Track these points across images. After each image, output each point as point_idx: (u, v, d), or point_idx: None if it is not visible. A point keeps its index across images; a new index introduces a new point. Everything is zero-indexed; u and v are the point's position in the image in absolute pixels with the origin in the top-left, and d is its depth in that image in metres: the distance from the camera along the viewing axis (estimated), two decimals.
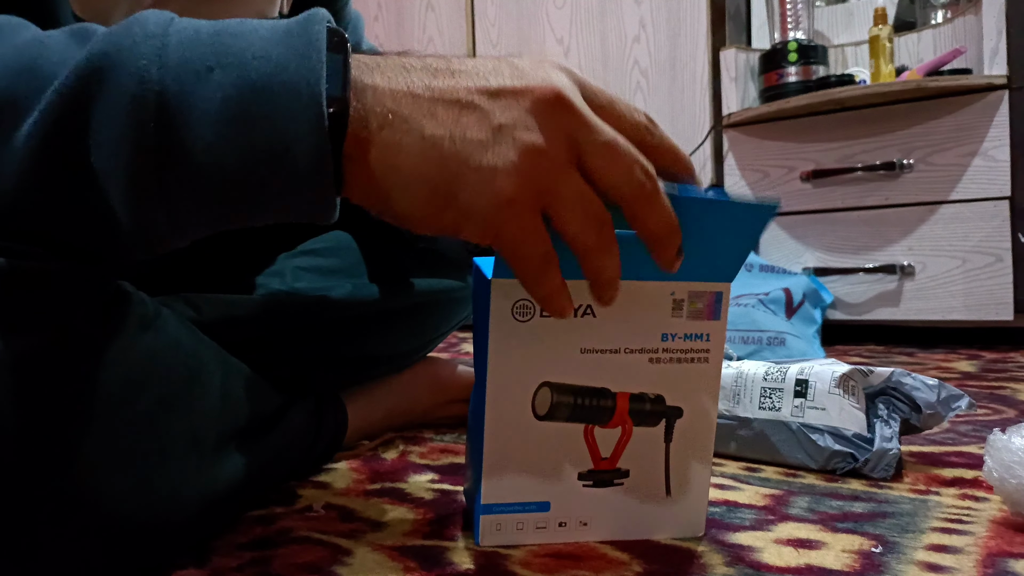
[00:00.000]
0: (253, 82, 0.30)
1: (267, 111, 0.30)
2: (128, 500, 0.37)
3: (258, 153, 0.30)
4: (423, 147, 0.31)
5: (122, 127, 0.30)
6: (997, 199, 1.27)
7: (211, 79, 0.30)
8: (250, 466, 0.47)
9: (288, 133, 0.30)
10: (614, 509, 0.42)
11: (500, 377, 0.39)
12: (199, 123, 0.30)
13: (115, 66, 0.30)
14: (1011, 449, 0.43)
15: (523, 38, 1.74)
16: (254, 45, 0.31)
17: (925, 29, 1.43)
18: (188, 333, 0.44)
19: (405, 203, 0.32)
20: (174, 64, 0.30)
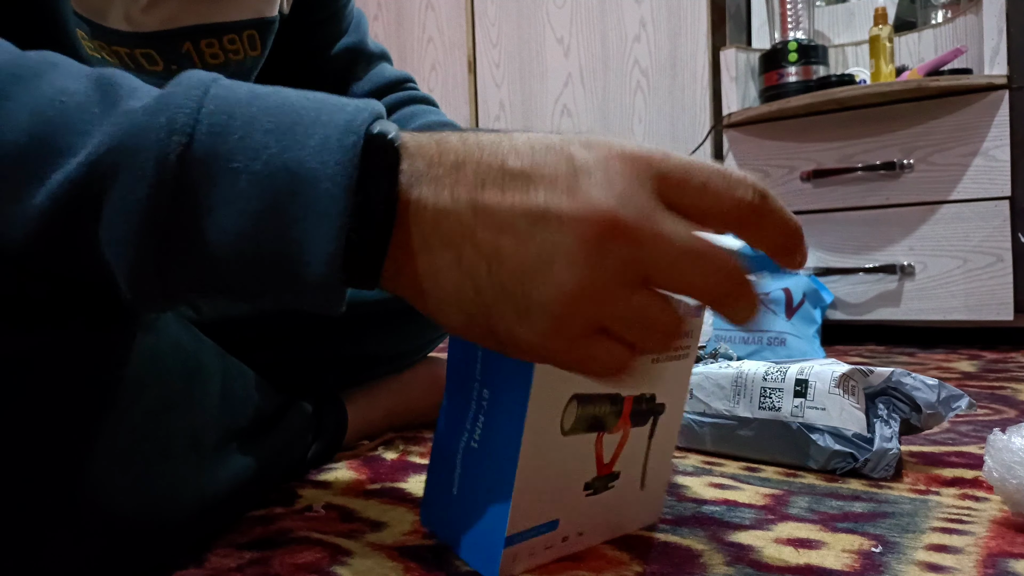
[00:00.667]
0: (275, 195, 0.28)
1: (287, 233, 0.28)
2: (128, 499, 0.37)
3: (269, 271, 0.29)
4: (460, 277, 0.29)
5: (136, 213, 0.28)
6: (997, 199, 1.27)
7: (237, 180, 0.28)
8: (250, 466, 0.47)
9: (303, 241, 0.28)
10: (603, 511, 0.42)
11: (540, 397, 0.36)
12: (213, 220, 0.28)
13: (137, 149, 0.28)
14: (1011, 449, 0.43)
15: (523, 37, 1.74)
16: (286, 152, 0.28)
17: (925, 29, 1.43)
18: (188, 333, 0.44)
19: (446, 321, 0.31)
20: (199, 157, 0.28)
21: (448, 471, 0.40)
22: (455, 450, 0.40)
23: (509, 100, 1.77)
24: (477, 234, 0.28)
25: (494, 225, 0.28)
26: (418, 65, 1.87)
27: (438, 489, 0.41)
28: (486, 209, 0.28)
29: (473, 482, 0.39)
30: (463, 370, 0.39)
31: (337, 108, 0.30)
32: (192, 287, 0.30)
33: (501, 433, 0.37)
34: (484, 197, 0.29)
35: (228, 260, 0.29)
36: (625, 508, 0.43)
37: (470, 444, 0.39)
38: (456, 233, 0.29)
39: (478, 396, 0.38)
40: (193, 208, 0.28)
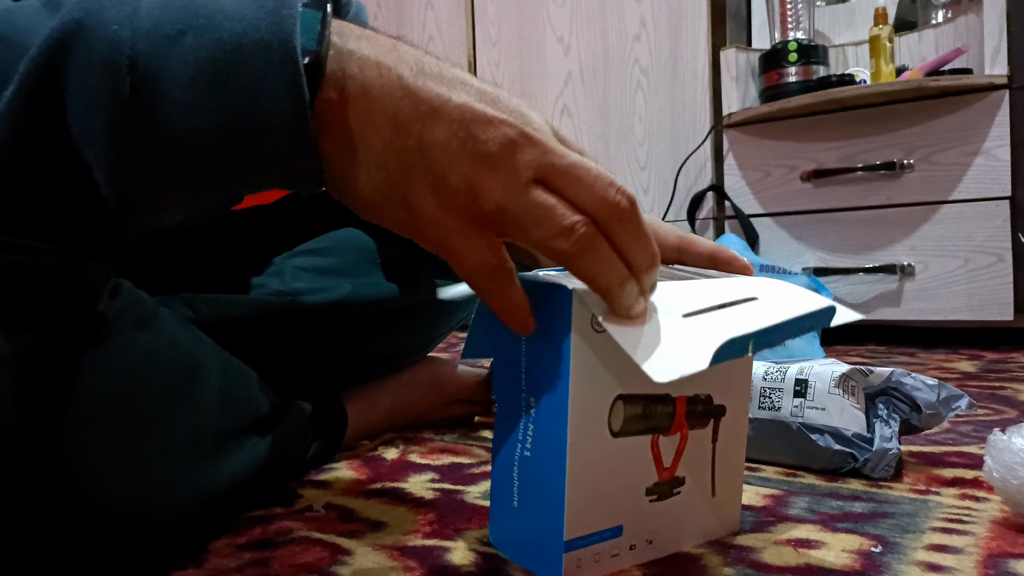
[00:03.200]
0: (225, 42, 0.30)
1: (239, 70, 0.30)
2: (127, 498, 0.37)
3: (232, 112, 0.30)
4: (392, 133, 0.31)
5: (97, 94, 0.30)
6: (998, 199, 1.26)
7: (183, 42, 0.30)
8: (249, 466, 0.47)
9: (262, 90, 0.30)
10: (673, 519, 0.41)
11: (580, 397, 0.36)
12: (172, 86, 0.30)
13: (87, 33, 0.30)
14: (1012, 449, 0.43)
15: (523, 37, 1.74)
16: (226, 6, 0.30)
17: (926, 28, 1.43)
18: (186, 332, 0.44)
19: (360, 183, 0.32)
20: (145, 29, 0.30)
21: (508, 485, 0.40)
22: (511, 462, 0.39)
23: None
24: (417, 102, 0.31)
25: (434, 99, 0.31)
26: None
27: (502, 506, 0.41)
28: (428, 88, 0.31)
29: (531, 492, 0.39)
30: (510, 382, 0.39)
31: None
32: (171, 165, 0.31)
33: (549, 438, 0.37)
34: (426, 78, 0.31)
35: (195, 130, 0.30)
36: (697, 517, 0.42)
37: (523, 454, 0.38)
38: (395, 92, 0.31)
39: (526, 405, 0.38)
40: (151, 80, 0.29)
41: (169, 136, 0.30)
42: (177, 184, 0.32)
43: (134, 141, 0.30)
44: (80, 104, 0.30)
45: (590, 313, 0.35)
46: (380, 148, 0.31)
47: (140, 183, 0.31)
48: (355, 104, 0.31)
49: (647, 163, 1.60)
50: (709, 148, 1.53)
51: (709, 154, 1.53)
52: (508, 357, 0.39)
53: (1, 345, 0.31)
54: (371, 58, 0.31)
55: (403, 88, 0.31)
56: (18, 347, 0.32)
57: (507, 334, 0.37)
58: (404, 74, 0.31)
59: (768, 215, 1.45)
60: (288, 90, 0.30)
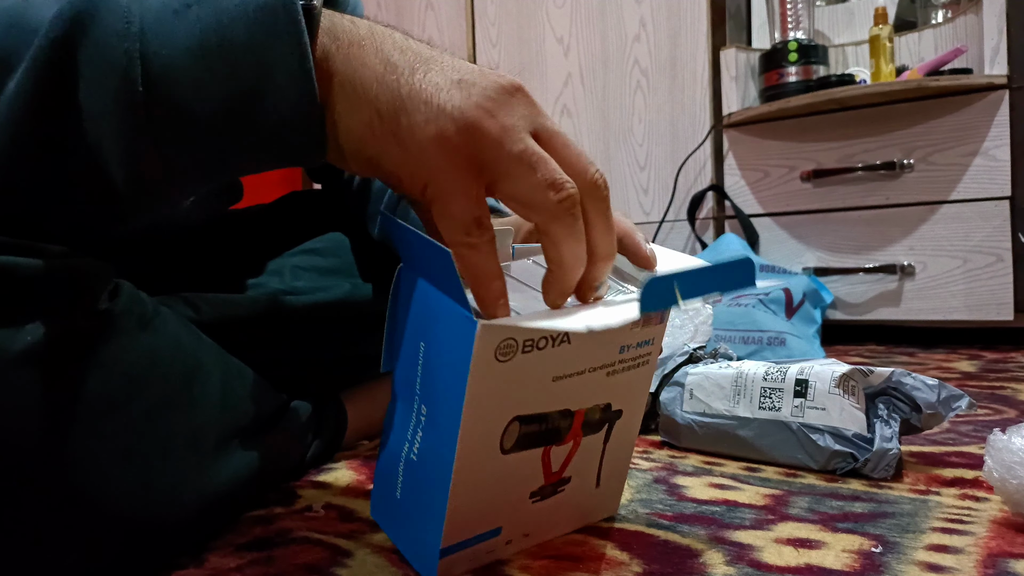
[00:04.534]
0: (230, 11, 0.31)
1: (245, 37, 0.31)
2: (127, 499, 0.37)
3: (240, 79, 0.31)
4: (384, 70, 0.31)
5: (107, 67, 0.30)
6: (998, 199, 1.26)
7: (188, 14, 0.31)
8: (250, 466, 0.47)
9: (268, 54, 0.31)
10: (552, 512, 0.42)
11: (473, 423, 0.35)
12: (182, 56, 0.30)
13: (97, 9, 0.30)
14: (1012, 449, 0.43)
15: (523, 37, 1.74)
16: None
17: (926, 28, 1.43)
18: (187, 332, 0.44)
19: (348, 122, 0.32)
20: (154, 6, 0.31)
21: (392, 475, 0.40)
22: (398, 455, 0.40)
23: None
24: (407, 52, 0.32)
25: (426, 52, 0.33)
26: None
27: (384, 488, 0.42)
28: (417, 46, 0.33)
29: (413, 492, 0.39)
30: (407, 380, 0.39)
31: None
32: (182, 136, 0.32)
33: (436, 453, 0.37)
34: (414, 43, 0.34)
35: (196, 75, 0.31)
36: (578, 506, 0.44)
37: (410, 456, 0.39)
38: (387, 42, 0.32)
39: (418, 410, 0.38)
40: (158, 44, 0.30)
41: (179, 104, 0.31)
42: (187, 155, 0.33)
43: (144, 110, 0.31)
44: (91, 81, 0.30)
45: (495, 344, 0.33)
46: (373, 84, 0.31)
47: (150, 154, 0.32)
48: (348, 49, 0.32)
49: (647, 163, 1.60)
50: (709, 148, 1.53)
51: (709, 154, 1.53)
52: (408, 352, 0.39)
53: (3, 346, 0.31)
54: (364, 23, 0.33)
55: (394, 42, 0.33)
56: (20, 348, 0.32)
57: (448, 342, 0.35)
58: (395, 35, 0.33)
59: (768, 215, 1.46)
60: (294, 53, 0.31)
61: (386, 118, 0.31)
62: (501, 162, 0.31)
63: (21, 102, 0.30)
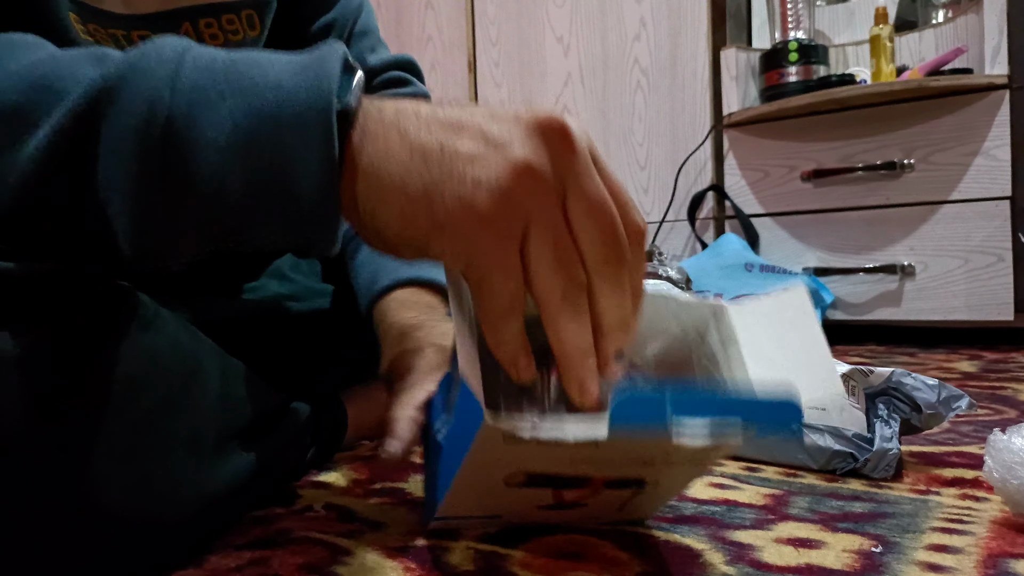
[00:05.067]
0: (261, 109, 0.30)
1: (274, 144, 0.30)
2: (128, 500, 0.37)
3: (263, 179, 0.30)
4: (410, 156, 0.30)
5: (129, 147, 0.30)
6: (998, 199, 1.26)
7: (222, 106, 0.30)
8: (250, 466, 0.47)
9: (296, 164, 0.30)
10: (564, 515, 0.43)
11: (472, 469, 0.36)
12: (207, 149, 0.30)
13: (127, 87, 0.30)
14: (1012, 449, 0.43)
15: (523, 37, 1.74)
16: (268, 75, 0.31)
17: (926, 28, 1.43)
18: (187, 333, 0.44)
19: (383, 214, 0.31)
20: (186, 90, 0.30)
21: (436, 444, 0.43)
22: (437, 427, 0.44)
23: (509, 100, 1.76)
24: (433, 127, 0.31)
25: (452, 121, 0.31)
26: None
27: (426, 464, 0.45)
28: (445, 112, 0.32)
29: (432, 464, 0.44)
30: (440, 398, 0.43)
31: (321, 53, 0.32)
32: (194, 223, 0.31)
33: (451, 456, 0.38)
34: (443, 109, 0.32)
35: (225, 185, 0.30)
36: (595, 516, 0.44)
37: (438, 436, 0.42)
38: (413, 124, 0.31)
39: (446, 406, 0.41)
40: (185, 139, 0.30)
41: (196, 195, 0.30)
42: (195, 238, 0.33)
43: (160, 195, 0.30)
44: (111, 154, 0.30)
45: (500, 433, 0.32)
46: (400, 174, 0.30)
47: (159, 232, 0.32)
48: (374, 143, 0.31)
49: (647, 163, 1.60)
50: (709, 148, 1.53)
51: (709, 154, 1.53)
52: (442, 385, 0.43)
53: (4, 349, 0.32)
54: (391, 106, 0.32)
55: (419, 118, 0.31)
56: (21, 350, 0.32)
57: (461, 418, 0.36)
58: (420, 110, 0.32)
59: (768, 215, 1.45)
60: (323, 168, 0.30)
61: (419, 204, 0.30)
62: (532, 233, 0.30)
63: (39, 165, 0.30)
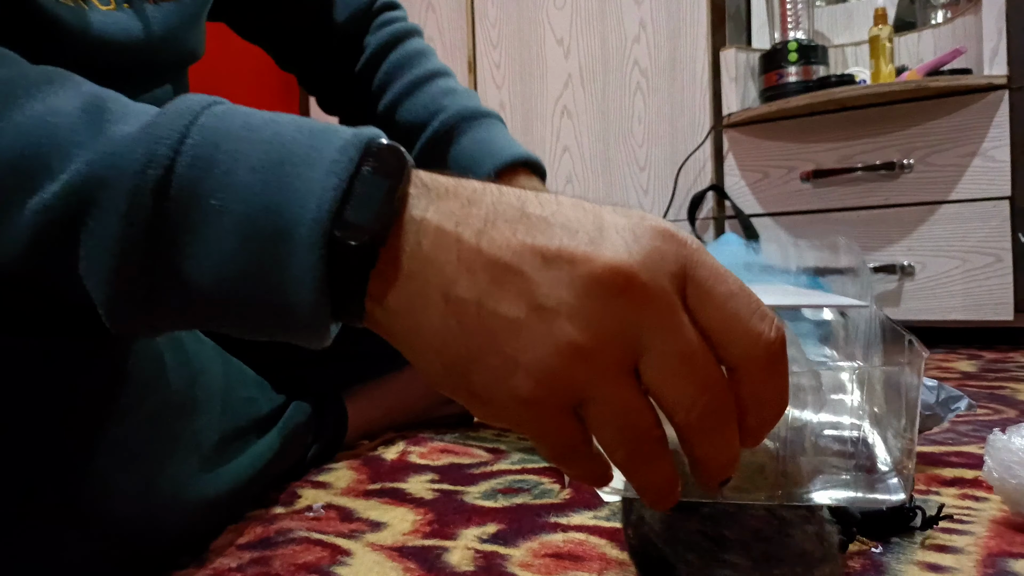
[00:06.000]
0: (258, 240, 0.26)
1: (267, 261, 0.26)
2: (130, 502, 0.37)
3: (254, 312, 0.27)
4: (444, 312, 0.25)
5: (113, 245, 0.27)
6: (997, 199, 1.26)
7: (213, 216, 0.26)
8: (250, 467, 0.47)
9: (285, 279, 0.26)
10: None
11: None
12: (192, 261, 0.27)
13: (113, 184, 0.27)
14: (1011, 449, 0.43)
15: (523, 39, 1.74)
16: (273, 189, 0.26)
17: (925, 29, 1.43)
18: (189, 336, 0.44)
19: (424, 368, 0.27)
20: (175, 194, 0.26)
21: None
22: None
23: (509, 101, 1.77)
24: (476, 268, 0.25)
25: (497, 261, 0.25)
26: None
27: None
28: (492, 242, 0.25)
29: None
30: None
31: (327, 139, 0.27)
32: (174, 321, 0.29)
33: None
34: (494, 231, 0.26)
35: (210, 299, 0.27)
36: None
37: None
38: (451, 262, 0.26)
39: None
40: (171, 245, 0.27)
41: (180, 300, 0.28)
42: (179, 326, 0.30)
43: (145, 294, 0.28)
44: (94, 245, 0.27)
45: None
46: (432, 331, 0.26)
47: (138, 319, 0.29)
48: (406, 287, 0.26)
49: (647, 164, 1.60)
50: (709, 148, 1.53)
51: (709, 154, 1.53)
52: None
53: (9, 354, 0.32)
54: (432, 224, 0.26)
55: (460, 254, 0.26)
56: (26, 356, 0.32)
57: None
58: (464, 236, 0.26)
59: (768, 215, 1.46)
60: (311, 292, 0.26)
61: (455, 373, 0.26)
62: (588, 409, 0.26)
63: (24, 246, 0.28)
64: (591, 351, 0.24)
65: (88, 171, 0.27)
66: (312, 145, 0.27)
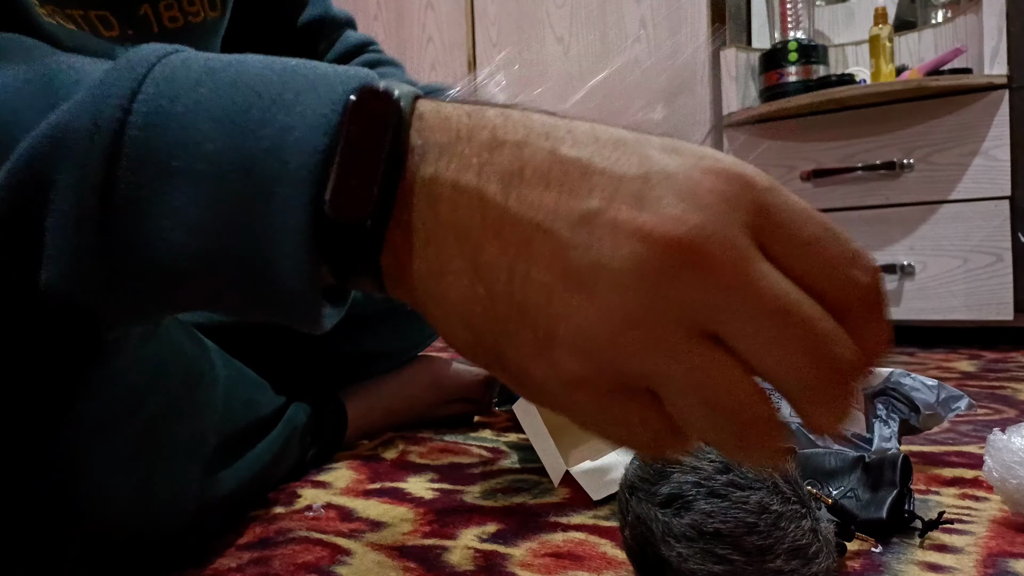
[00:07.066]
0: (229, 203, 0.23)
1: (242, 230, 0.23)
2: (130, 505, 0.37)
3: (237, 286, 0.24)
4: (472, 279, 0.22)
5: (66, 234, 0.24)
6: (998, 199, 1.26)
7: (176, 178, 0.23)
8: (250, 468, 0.47)
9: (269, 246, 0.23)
10: None
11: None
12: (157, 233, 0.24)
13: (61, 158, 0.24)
14: (1011, 449, 0.43)
15: (523, 38, 1.74)
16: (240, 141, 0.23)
17: (925, 28, 1.43)
18: (189, 338, 0.44)
19: (450, 338, 0.24)
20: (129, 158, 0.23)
21: None
22: None
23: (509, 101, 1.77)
24: (504, 231, 0.22)
25: (528, 223, 0.21)
26: (418, 65, 1.87)
27: None
28: (522, 199, 0.22)
29: None
30: None
31: (307, 81, 0.24)
32: (151, 304, 0.26)
33: None
34: (522, 185, 0.22)
35: (182, 275, 0.24)
36: None
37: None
38: (476, 225, 0.22)
39: None
40: (130, 215, 0.23)
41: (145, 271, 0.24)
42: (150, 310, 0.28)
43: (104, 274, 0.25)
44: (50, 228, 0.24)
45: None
46: (458, 299, 0.23)
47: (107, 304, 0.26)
48: (424, 253, 0.23)
49: None
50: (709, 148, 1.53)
51: None
52: None
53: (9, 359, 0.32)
54: (448, 181, 0.22)
55: (485, 214, 0.22)
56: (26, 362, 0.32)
57: None
58: (488, 192, 0.22)
59: None
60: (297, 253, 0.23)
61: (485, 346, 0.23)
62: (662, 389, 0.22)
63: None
64: (644, 320, 0.20)
65: (32, 151, 0.24)
66: (285, 84, 0.24)
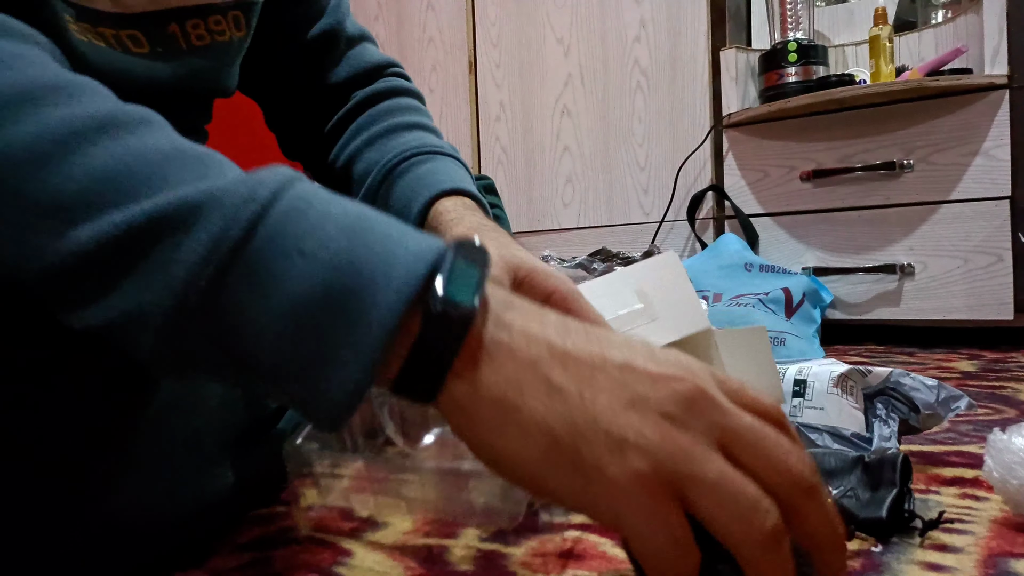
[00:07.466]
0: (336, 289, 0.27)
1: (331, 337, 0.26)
2: (130, 502, 0.37)
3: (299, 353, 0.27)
4: (548, 394, 0.27)
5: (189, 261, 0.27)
6: (998, 199, 1.26)
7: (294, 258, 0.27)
8: (250, 467, 0.47)
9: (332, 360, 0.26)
10: None
11: None
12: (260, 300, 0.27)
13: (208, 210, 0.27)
14: (1011, 449, 0.43)
15: (523, 38, 1.74)
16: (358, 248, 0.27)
17: (926, 28, 1.43)
18: None
19: (519, 448, 0.28)
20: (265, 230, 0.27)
21: None
22: None
23: (509, 100, 1.77)
24: (569, 363, 0.28)
25: (585, 360, 0.28)
26: (418, 65, 1.87)
27: None
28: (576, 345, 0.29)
29: None
30: None
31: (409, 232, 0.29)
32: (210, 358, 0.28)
33: None
34: (574, 336, 0.29)
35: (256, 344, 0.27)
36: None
37: None
38: (544, 355, 0.28)
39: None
40: (247, 276, 0.27)
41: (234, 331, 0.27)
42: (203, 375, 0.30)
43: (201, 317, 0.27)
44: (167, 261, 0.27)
45: None
46: (541, 411, 0.27)
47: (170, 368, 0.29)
48: (503, 370, 0.28)
49: (647, 163, 1.60)
50: (709, 148, 1.53)
51: (709, 154, 1.53)
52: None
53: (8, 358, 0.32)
54: (516, 324, 0.29)
55: (552, 352, 0.28)
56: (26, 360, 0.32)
57: None
58: (551, 337, 0.29)
59: (768, 215, 1.46)
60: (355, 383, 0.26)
61: (564, 449, 0.27)
62: (692, 487, 0.27)
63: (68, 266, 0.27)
64: (684, 430, 0.27)
65: (183, 197, 0.27)
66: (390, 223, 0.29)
